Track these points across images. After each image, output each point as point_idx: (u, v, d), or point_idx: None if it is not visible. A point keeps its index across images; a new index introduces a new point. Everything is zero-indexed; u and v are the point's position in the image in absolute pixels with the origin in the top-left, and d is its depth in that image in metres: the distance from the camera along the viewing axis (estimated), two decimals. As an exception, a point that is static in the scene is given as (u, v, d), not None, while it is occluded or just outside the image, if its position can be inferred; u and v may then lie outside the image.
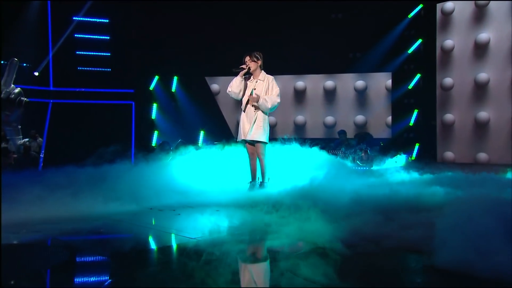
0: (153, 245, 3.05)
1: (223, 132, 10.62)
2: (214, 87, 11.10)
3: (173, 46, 10.27)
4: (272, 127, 10.77)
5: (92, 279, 2.33)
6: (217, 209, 3.93)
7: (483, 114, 9.06)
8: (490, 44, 9.03)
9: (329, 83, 10.77)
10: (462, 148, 9.42)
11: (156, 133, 10.67)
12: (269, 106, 4.81)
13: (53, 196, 4.08)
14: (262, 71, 5.02)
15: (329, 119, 10.78)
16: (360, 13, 9.98)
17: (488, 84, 9.02)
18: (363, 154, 8.39)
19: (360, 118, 10.63)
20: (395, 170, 6.62)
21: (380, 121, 10.57)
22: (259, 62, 4.98)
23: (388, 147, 9.13)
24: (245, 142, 5.01)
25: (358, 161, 8.26)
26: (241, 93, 4.99)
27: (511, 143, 8.64)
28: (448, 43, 9.59)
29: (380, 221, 3.03)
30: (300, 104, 10.96)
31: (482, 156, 9.03)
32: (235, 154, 5.83)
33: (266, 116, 4.97)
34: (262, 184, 4.94)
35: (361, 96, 10.72)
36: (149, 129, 10.66)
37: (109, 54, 10.54)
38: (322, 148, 6.47)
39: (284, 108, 10.94)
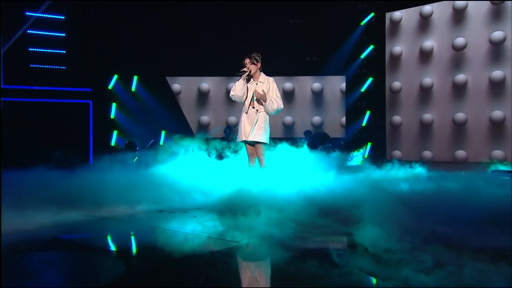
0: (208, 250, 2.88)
1: (185, 131, 10.71)
2: (175, 87, 11.14)
3: (133, 45, 10.18)
4: (234, 127, 11.01)
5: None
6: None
7: (427, 116, 9.88)
8: (434, 51, 9.86)
9: (288, 85, 11.22)
10: (408, 147, 10.21)
11: (115, 133, 10.52)
12: (275, 108, 4.89)
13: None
14: (262, 73, 5.06)
15: (288, 119, 11.22)
16: (317, 19, 10.49)
17: (432, 88, 9.85)
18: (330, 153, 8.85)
19: (316, 118, 11.16)
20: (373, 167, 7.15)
21: (335, 122, 11.17)
22: (259, 65, 5.01)
23: (348, 146, 9.70)
24: (245, 142, 5.07)
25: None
26: (244, 96, 5.00)
27: (452, 142, 9.53)
28: (397, 49, 10.34)
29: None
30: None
31: (427, 154, 9.85)
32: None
33: (267, 118, 5.02)
34: None
35: (318, 98, 11.26)
36: (108, 129, 10.49)
37: (64, 51, 10.23)
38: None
39: (245, 109, 11.25)
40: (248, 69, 4.96)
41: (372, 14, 10.54)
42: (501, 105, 8.86)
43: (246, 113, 5.02)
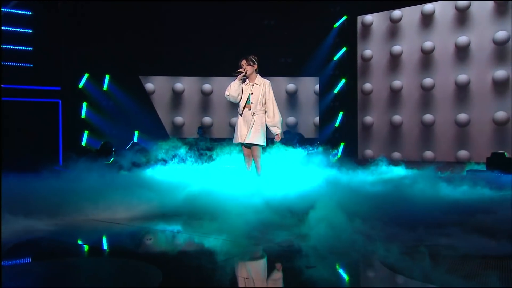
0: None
1: (158, 132, 10.58)
2: (149, 86, 10.96)
3: (105, 43, 9.94)
4: (208, 127, 10.98)
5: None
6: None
7: (397, 117, 10.23)
8: (403, 55, 10.21)
9: (263, 86, 11.29)
10: (379, 147, 10.52)
11: (86, 133, 10.24)
12: (281, 123, 5.18)
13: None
14: (258, 75, 5.10)
15: (262, 120, 11.30)
16: (291, 21, 10.62)
17: (401, 91, 10.20)
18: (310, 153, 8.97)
19: (291, 119, 11.30)
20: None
21: (309, 122, 11.36)
22: (255, 66, 5.04)
23: (324, 146, 9.88)
24: (241, 144, 5.11)
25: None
26: (240, 96, 5.02)
27: (420, 142, 9.92)
28: (368, 52, 10.64)
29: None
30: (235, 105, 11.27)
31: (396, 154, 10.20)
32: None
33: (263, 120, 5.08)
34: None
35: (292, 99, 11.41)
36: (78, 129, 10.19)
37: (31, 48, 9.85)
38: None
39: (220, 109, 11.23)
40: (244, 70, 4.98)
41: (344, 17, 10.79)
42: (466, 107, 9.30)
43: (241, 115, 5.06)
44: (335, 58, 10.86)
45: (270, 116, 5.01)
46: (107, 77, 10.47)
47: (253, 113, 5.01)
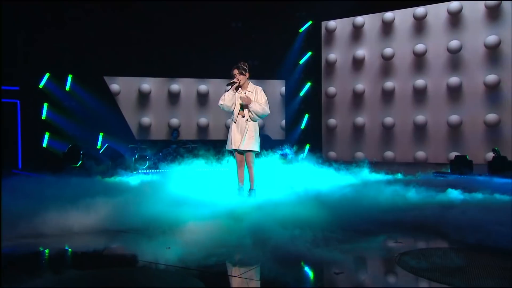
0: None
1: (124, 133, 10.38)
2: (114, 87, 10.73)
3: (68, 42, 9.62)
4: (174, 128, 10.89)
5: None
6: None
7: (359, 119, 10.67)
8: (365, 60, 10.67)
9: (230, 88, 11.38)
10: (343, 148, 10.93)
11: (47, 135, 9.86)
12: (260, 111, 4.98)
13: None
14: (250, 82, 5.15)
15: (229, 120, 11.37)
16: (258, 24, 10.78)
17: (364, 94, 10.66)
18: (286, 154, 9.12)
19: (258, 121, 11.44)
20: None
21: (275, 125, 11.57)
22: (247, 74, 5.09)
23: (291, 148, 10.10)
24: (234, 150, 5.12)
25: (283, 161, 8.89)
26: (233, 106, 5.06)
27: (381, 143, 10.40)
28: (332, 56, 11.02)
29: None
30: (202, 106, 11.32)
31: (359, 154, 10.63)
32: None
33: (257, 126, 5.14)
34: (250, 191, 5.09)
35: (259, 101, 11.56)
36: (38, 130, 9.80)
37: (-14, 46, 9.36)
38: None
39: (188, 111, 11.19)
40: (238, 80, 5.03)
41: (310, 22, 11.10)
42: (423, 110, 9.87)
43: (235, 122, 5.10)
44: (301, 62, 11.16)
45: (261, 104, 5.06)
46: (69, 77, 10.14)
47: (247, 120, 5.08)
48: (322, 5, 10.41)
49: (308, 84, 11.22)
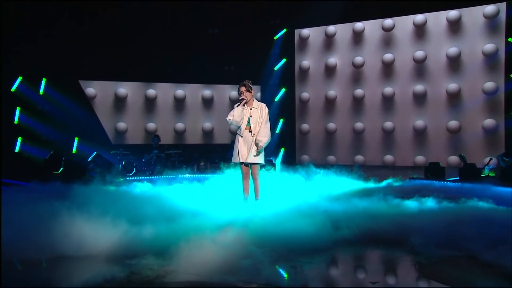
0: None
1: (100, 138, 10.33)
2: (90, 91, 10.65)
3: (41, 45, 9.49)
4: (151, 133, 10.96)
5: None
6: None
7: (331, 125, 11.11)
8: (337, 67, 11.13)
9: (207, 92, 11.58)
10: (315, 152, 11.34)
11: (19, 140, 9.67)
12: (266, 143, 5.40)
13: None
14: (254, 99, 5.53)
15: (207, 125, 11.57)
16: (234, 30, 11.03)
17: (335, 100, 11.12)
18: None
19: (233, 126, 11.67)
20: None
21: (250, 129, 11.82)
22: (253, 92, 5.47)
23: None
24: (240, 163, 5.41)
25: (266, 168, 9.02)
26: (242, 121, 5.38)
27: (352, 148, 10.89)
28: (305, 63, 11.41)
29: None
30: (179, 111, 11.43)
31: (331, 158, 11.08)
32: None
33: None
34: (256, 201, 5.40)
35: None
36: (10, 135, 9.58)
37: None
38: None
39: (165, 116, 11.27)
40: (245, 96, 5.39)
41: (284, 30, 11.46)
42: (391, 116, 10.44)
43: (242, 136, 5.39)
44: (276, 68, 11.49)
45: (261, 135, 5.40)
46: (43, 80, 9.99)
47: (253, 134, 5.39)
48: (296, 13, 10.79)
49: (283, 90, 11.57)
